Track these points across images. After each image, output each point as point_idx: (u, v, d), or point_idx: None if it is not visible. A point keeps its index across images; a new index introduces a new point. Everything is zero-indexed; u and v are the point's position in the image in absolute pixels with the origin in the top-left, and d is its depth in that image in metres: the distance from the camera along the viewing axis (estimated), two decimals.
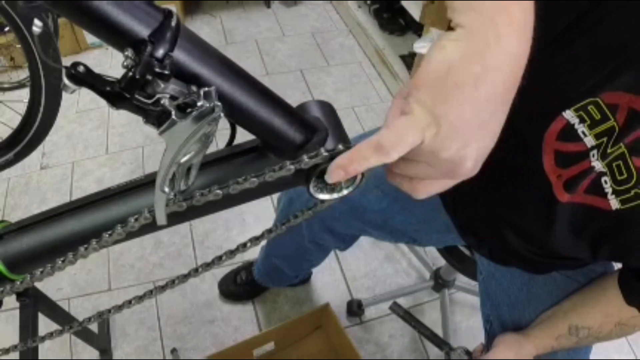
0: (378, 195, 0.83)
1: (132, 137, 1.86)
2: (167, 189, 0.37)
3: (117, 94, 0.31)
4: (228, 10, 2.55)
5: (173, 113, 0.31)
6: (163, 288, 0.52)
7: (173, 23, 0.32)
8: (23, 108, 1.20)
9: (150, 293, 0.53)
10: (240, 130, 0.41)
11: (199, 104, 0.31)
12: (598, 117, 0.50)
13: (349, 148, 0.39)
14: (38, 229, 0.45)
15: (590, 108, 0.50)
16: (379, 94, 2.13)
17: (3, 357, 0.63)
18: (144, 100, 0.31)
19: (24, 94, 1.81)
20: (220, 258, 0.51)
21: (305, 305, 1.44)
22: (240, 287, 1.40)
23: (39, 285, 0.86)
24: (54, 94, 1.17)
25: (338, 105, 1.66)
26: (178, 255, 1.52)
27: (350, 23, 2.48)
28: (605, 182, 0.51)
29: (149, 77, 0.30)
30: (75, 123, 1.91)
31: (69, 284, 1.44)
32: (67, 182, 1.70)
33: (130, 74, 0.30)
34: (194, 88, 0.32)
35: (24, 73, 1.94)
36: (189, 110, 0.31)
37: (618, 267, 0.70)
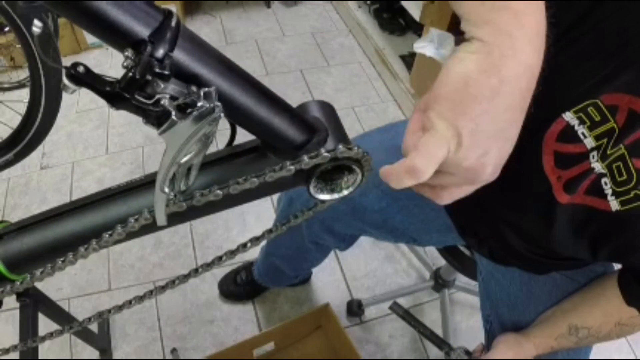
0: (378, 195, 0.83)
1: (132, 137, 1.86)
2: (167, 189, 0.37)
3: (117, 94, 0.31)
4: (228, 10, 2.55)
5: (173, 113, 0.31)
6: (163, 288, 0.52)
7: (173, 23, 0.32)
8: (23, 108, 1.20)
9: (151, 293, 0.53)
10: (240, 130, 0.41)
11: (199, 104, 0.31)
12: (598, 118, 0.50)
13: (350, 149, 0.39)
14: (38, 229, 0.45)
15: (590, 109, 0.50)
16: (379, 94, 2.13)
17: (3, 357, 0.63)
18: (144, 101, 0.31)
19: (24, 94, 1.81)
20: (221, 258, 0.51)
21: (305, 305, 1.44)
22: (240, 287, 1.40)
23: (39, 285, 0.86)
24: (54, 94, 1.16)
25: (338, 105, 1.66)
26: (178, 255, 1.52)
27: (350, 23, 2.48)
28: (605, 183, 0.51)
29: (149, 77, 0.30)
30: (75, 123, 1.91)
31: (69, 284, 1.44)
32: (67, 182, 1.70)
33: (130, 74, 0.30)
34: (194, 88, 0.32)
35: (24, 73, 1.94)
36: (189, 111, 0.31)
37: (618, 267, 0.70)
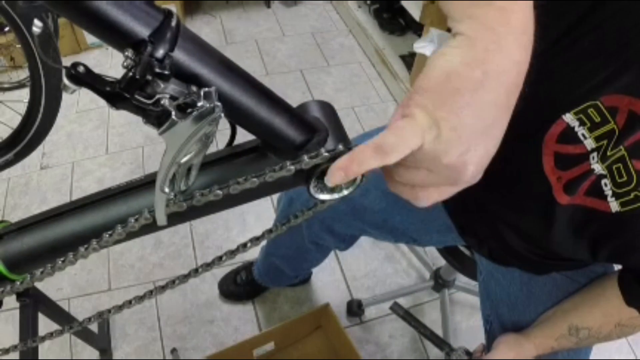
0: (378, 195, 0.83)
1: (132, 137, 1.86)
2: (167, 189, 0.37)
3: (117, 94, 0.31)
4: (228, 10, 2.55)
5: (173, 113, 0.31)
6: (163, 288, 0.52)
7: (173, 23, 0.31)
8: (23, 108, 1.20)
9: (151, 293, 0.53)
10: (240, 130, 0.41)
11: (199, 104, 0.31)
12: (598, 119, 0.50)
13: (350, 149, 0.39)
14: (38, 229, 0.45)
15: (590, 111, 0.50)
16: (379, 94, 2.13)
17: (3, 357, 0.63)
18: (144, 101, 0.31)
19: (24, 94, 1.81)
20: (221, 258, 0.51)
21: (305, 305, 1.44)
22: (240, 287, 1.40)
23: (39, 285, 0.86)
24: (54, 94, 1.16)
25: (338, 105, 1.66)
26: (178, 255, 1.51)
27: (350, 23, 2.48)
28: (605, 184, 0.51)
29: (149, 77, 0.30)
30: (75, 123, 1.91)
31: (69, 284, 1.44)
32: (67, 182, 1.70)
33: (130, 74, 0.30)
34: (194, 88, 0.32)
35: (24, 73, 1.94)
36: (189, 111, 0.31)
37: (618, 267, 0.70)
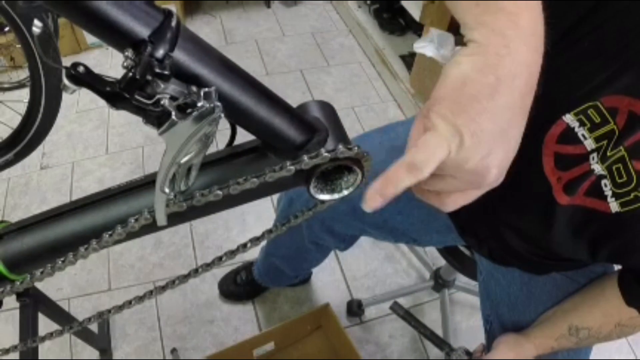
0: None
1: (132, 137, 1.86)
2: (167, 190, 0.37)
3: (117, 95, 0.31)
4: (228, 10, 2.55)
5: (173, 113, 0.31)
6: (163, 288, 0.52)
7: (173, 23, 0.31)
8: (23, 108, 1.20)
9: (151, 293, 0.53)
10: (240, 130, 0.41)
11: (199, 105, 0.31)
12: (598, 120, 0.50)
13: (350, 149, 0.39)
14: (38, 229, 0.45)
15: (590, 111, 0.50)
16: (379, 94, 2.13)
17: (3, 357, 0.63)
18: (144, 101, 0.31)
19: (24, 94, 1.81)
20: (221, 258, 0.51)
21: (305, 305, 1.44)
22: (240, 287, 1.40)
23: (39, 285, 0.86)
24: (54, 94, 1.16)
25: (338, 105, 1.65)
26: (178, 255, 1.51)
27: (350, 23, 2.48)
28: (605, 185, 0.51)
29: (149, 77, 0.30)
30: (75, 123, 1.91)
31: (69, 284, 1.44)
32: (67, 182, 1.70)
33: (130, 75, 0.30)
34: (194, 88, 0.32)
35: (24, 73, 1.94)
36: (189, 111, 0.31)
37: (618, 267, 0.70)
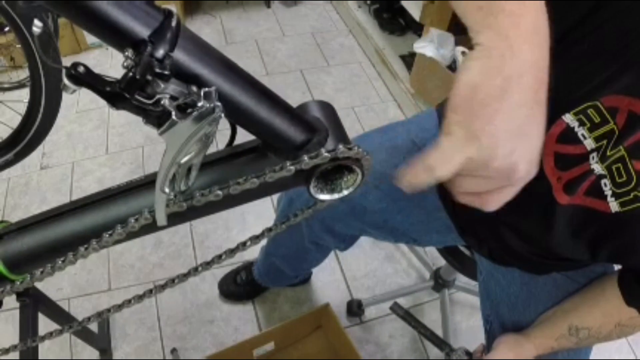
0: (378, 195, 0.83)
1: (132, 137, 1.86)
2: (167, 190, 0.37)
3: (117, 95, 0.31)
4: (228, 10, 2.55)
5: (173, 113, 0.31)
6: (163, 287, 0.52)
7: (173, 23, 0.31)
8: (23, 108, 1.20)
9: (150, 292, 0.53)
10: (240, 130, 0.41)
11: (199, 105, 0.31)
12: (598, 120, 0.50)
13: (350, 149, 0.39)
14: (38, 229, 0.45)
15: (590, 111, 0.50)
16: (379, 94, 2.13)
17: (3, 357, 0.63)
18: (144, 101, 0.31)
19: (24, 94, 1.81)
20: (221, 257, 0.51)
21: (305, 305, 1.44)
22: (240, 287, 1.40)
23: (39, 285, 0.86)
24: (54, 94, 1.16)
25: (338, 105, 1.65)
26: (178, 255, 1.51)
27: (350, 23, 2.48)
28: (605, 184, 0.51)
29: (149, 77, 0.30)
30: (75, 123, 1.91)
31: (69, 284, 1.44)
32: (67, 182, 1.70)
33: (131, 74, 0.30)
34: (194, 88, 0.32)
35: (24, 73, 1.94)
36: (189, 111, 0.31)
37: (618, 267, 0.70)
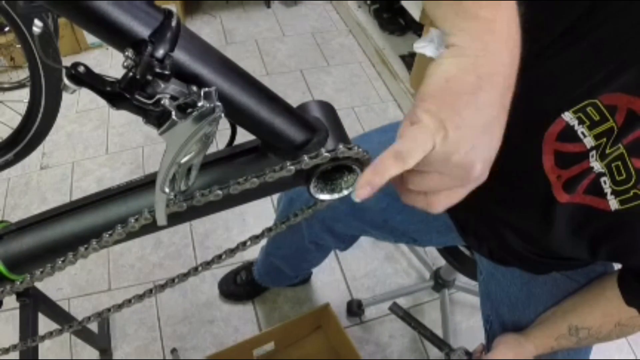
0: (378, 195, 0.82)
1: (132, 137, 1.86)
2: (167, 190, 0.37)
3: (117, 94, 0.31)
4: (228, 10, 2.55)
5: (173, 113, 0.31)
6: (163, 287, 0.52)
7: (173, 23, 0.32)
8: (23, 108, 1.20)
9: (150, 292, 0.53)
10: (241, 130, 0.41)
11: (200, 105, 0.31)
12: (597, 118, 0.50)
13: (350, 148, 0.39)
14: (38, 229, 0.45)
15: (589, 109, 0.50)
16: (379, 94, 2.13)
17: (3, 357, 0.63)
18: (145, 101, 0.31)
19: (24, 94, 1.81)
20: (221, 257, 0.51)
21: (305, 305, 1.44)
22: (240, 287, 1.40)
23: (39, 285, 0.86)
24: (54, 94, 1.16)
25: (338, 105, 1.66)
26: (178, 255, 1.51)
27: (350, 23, 2.48)
28: (605, 182, 0.51)
29: (149, 77, 0.30)
30: (75, 123, 1.91)
31: (69, 284, 1.44)
32: (67, 182, 1.70)
33: (131, 74, 0.30)
34: (195, 88, 0.32)
35: (24, 73, 1.94)
36: (190, 111, 0.31)
37: (618, 267, 0.70)
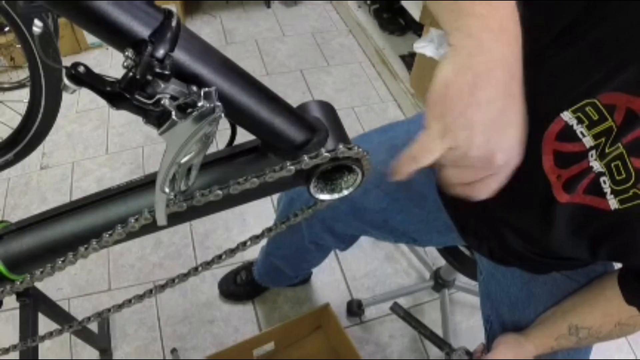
0: (378, 195, 0.83)
1: (132, 137, 1.86)
2: (167, 190, 0.37)
3: (117, 94, 0.31)
4: (228, 10, 2.55)
5: (173, 113, 0.31)
6: (163, 287, 0.52)
7: (173, 23, 0.32)
8: (23, 108, 1.20)
9: (150, 292, 0.53)
10: (241, 130, 0.41)
11: (200, 104, 0.31)
12: (596, 117, 0.50)
13: (350, 148, 0.39)
14: (38, 229, 0.45)
15: (588, 109, 0.50)
16: (379, 94, 2.13)
17: (3, 357, 0.63)
18: (145, 101, 0.31)
19: (24, 94, 1.81)
20: (221, 257, 0.51)
21: (305, 305, 1.44)
22: (240, 287, 1.40)
23: (39, 285, 0.86)
24: (54, 94, 1.16)
25: (338, 105, 1.66)
26: (178, 255, 1.51)
27: (350, 23, 2.48)
28: (604, 182, 0.51)
29: (150, 77, 0.30)
30: (75, 123, 1.91)
31: (69, 284, 1.44)
32: (67, 182, 1.70)
33: (131, 74, 0.30)
34: (195, 88, 0.32)
35: (24, 73, 1.94)
36: (190, 111, 0.31)
37: (618, 266, 0.70)
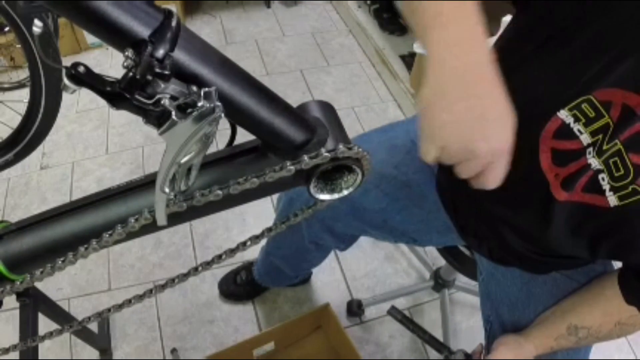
0: (378, 195, 0.83)
1: (132, 137, 1.86)
2: (167, 190, 0.37)
3: (117, 94, 0.31)
4: (228, 10, 2.55)
5: (173, 113, 0.31)
6: (163, 287, 0.52)
7: (173, 23, 0.32)
8: (23, 108, 1.20)
9: (150, 292, 0.53)
10: (240, 131, 0.41)
11: (200, 105, 0.31)
12: (592, 114, 0.50)
13: (350, 148, 0.39)
14: (38, 229, 0.45)
15: (584, 106, 0.50)
16: (379, 94, 2.13)
17: (3, 357, 0.63)
18: (145, 101, 0.31)
19: (24, 94, 1.81)
20: (221, 257, 0.51)
21: (305, 305, 1.44)
22: (240, 287, 1.40)
23: (39, 285, 0.86)
24: (54, 94, 1.16)
25: (338, 105, 1.66)
26: (178, 255, 1.51)
27: (350, 23, 2.48)
28: (603, 179, 0.51)
29: (150, 77, 0.30)
30: (75, 123, 1.91)
31: (69, 284, 1.44)
32: (67, 182, 1.70)
33: (131, 74, 0.30)
34: (195, 88, 0.32)
35: (24, 73, 1.94)
36: (190, 111, 0.31)
37: (618, 266, 0.70)
